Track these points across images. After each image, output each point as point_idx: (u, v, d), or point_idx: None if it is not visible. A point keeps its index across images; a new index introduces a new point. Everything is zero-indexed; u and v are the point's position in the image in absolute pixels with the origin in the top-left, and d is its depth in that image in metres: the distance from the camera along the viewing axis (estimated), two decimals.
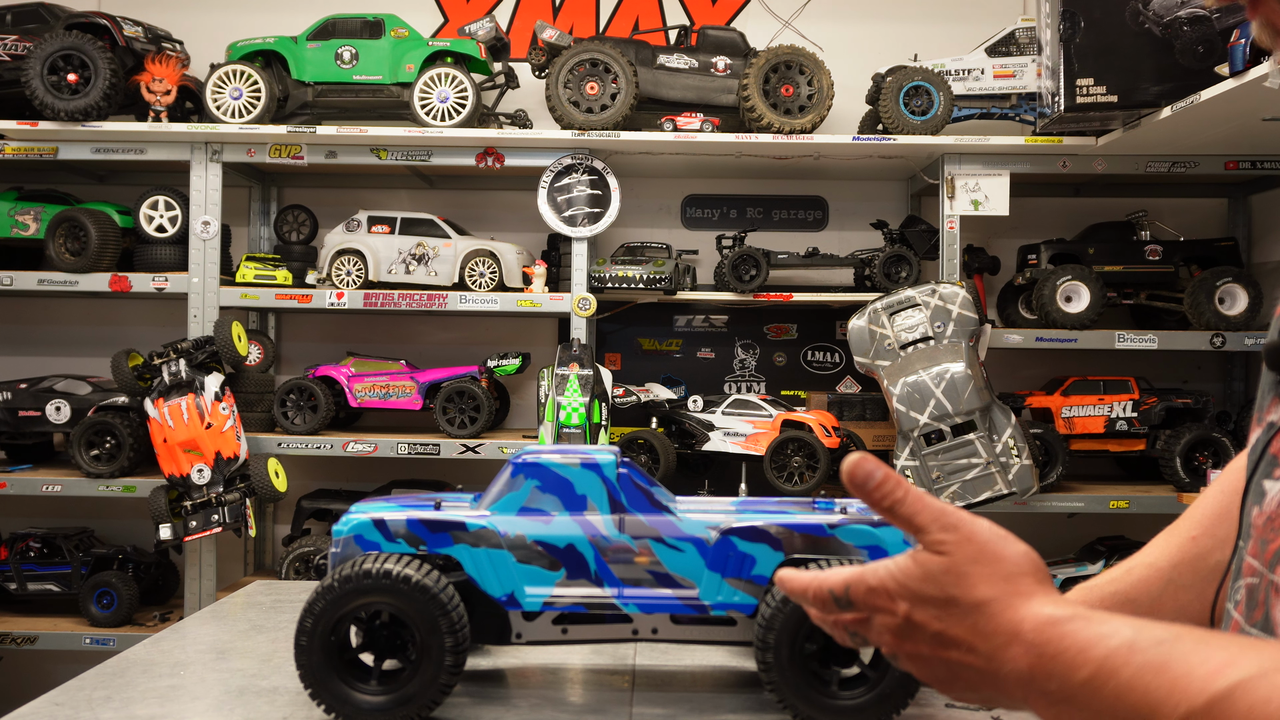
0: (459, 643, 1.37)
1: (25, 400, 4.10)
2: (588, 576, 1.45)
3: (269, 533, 4.64)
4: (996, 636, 0.77)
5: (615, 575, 1.45)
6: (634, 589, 1.45)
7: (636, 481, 1.49)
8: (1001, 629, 0.77)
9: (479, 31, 4.11)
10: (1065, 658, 0.73)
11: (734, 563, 1.45)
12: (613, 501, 1.47)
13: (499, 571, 1.45)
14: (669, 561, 1.45)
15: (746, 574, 1.45)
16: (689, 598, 1.45)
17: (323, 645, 1.37)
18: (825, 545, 1.44)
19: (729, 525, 1.45)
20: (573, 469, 1.48)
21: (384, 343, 4.66)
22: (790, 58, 3.99)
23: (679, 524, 1.46)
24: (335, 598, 1.37)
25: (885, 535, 1.44)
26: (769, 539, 1.44)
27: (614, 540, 1.46)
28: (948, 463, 3.67)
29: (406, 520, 1.45)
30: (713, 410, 4.13)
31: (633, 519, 1.46)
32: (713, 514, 1.49)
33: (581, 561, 1.45)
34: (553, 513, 1.47)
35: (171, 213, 4.10)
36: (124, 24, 4.02)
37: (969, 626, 0.79)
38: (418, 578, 1.36)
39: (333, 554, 1.47)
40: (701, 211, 4.74)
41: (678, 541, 1.46)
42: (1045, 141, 3.92)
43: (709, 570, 1.45)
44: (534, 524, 1.46)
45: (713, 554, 1.45)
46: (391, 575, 1.36)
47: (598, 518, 1.47)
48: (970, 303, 3.76)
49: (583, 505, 1.47)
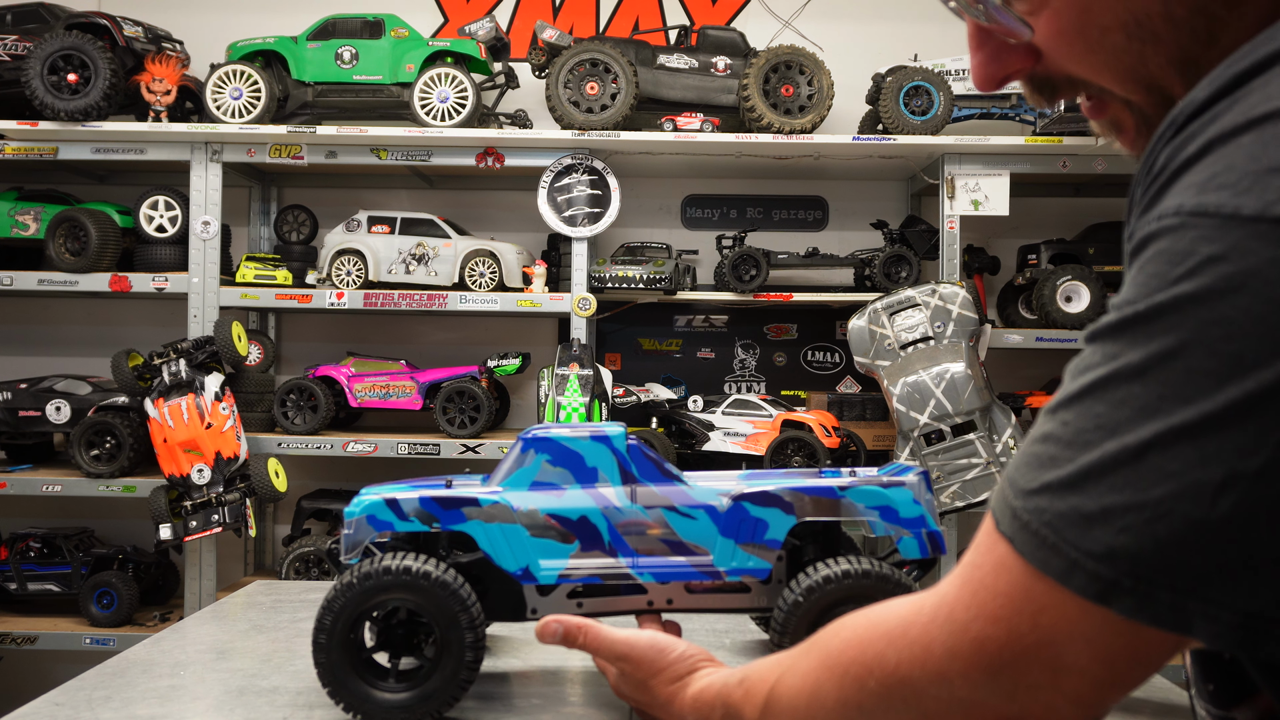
0: (479, 639, 1.37)
1: (25, 400, 4.10)
2: (602, 548, 1.45)
3: (269, 533, 4.64)
4: (671, 709, 1.19)
5: (629, 545, 1.45)
6: (648, 558, 1.45)
7: (646, 453, 1.49)
8: (674, 711, 1.18)
9: (479, 31, 4.11)
10: (703, 711, 1.11)
11: (747, 528, 1.45)
12: (624, 472, 1.47)
13: (513, 546, 1.45)
14: (682, 529, 1.46)
15: (760, 538, 1.45)
16: (703, 564, 1.46)
17: (342, 643, 1.37)
18: (836, 507, 1.45)
19: (740, 491, 1.45)
20: (583, 441, 1.48)
21: (384, 343, 4.66)
22: (790, 58, 4.00)
23: (690, 492, 1.47)
24: (355, 595, 1.37)
25: (895, 495, 1.45)
26: (781, 503, 1.45)
27: (627, 511, 1.46)
28: (948, 463, 3.67)
29: (419, 498, 1.45)
30: (713, 410, 4.13)
31: (644, 489, 1.47)
32: (722, 483, 1.50)
33: (595, 533, 1.45)
34: (564, 486, 1.47)
35: (171, 213, 4.10)
36: (124, 24, 4.02)
37: (661, 710, 1.22)
38: (438, 574, 1.37)
39: (345, 535, 1.46)
40: (701, 211, 4.74)
41: (690, 509, 1.46)
42: (1045, 141, 3.92)
43: (722, 536, 1.46)
44: (546, 497, 1.46)
45: (725, 520, 1.46)
46: (412, 571, 1.37)
47: (609, 489, 1.47)
48: (970, 303, 3.76)
49: (594, 477, 1.47)
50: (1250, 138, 0.62)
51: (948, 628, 0.73)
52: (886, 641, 0.79)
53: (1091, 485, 0.64)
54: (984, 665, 0.71)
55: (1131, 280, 0.66)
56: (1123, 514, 0.63)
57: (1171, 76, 0.76)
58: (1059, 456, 0.67)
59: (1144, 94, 0.78)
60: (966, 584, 0.73)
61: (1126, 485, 0.63)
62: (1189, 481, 0.61)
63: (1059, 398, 0.69)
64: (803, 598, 1.38)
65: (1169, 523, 0.61)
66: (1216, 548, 0.61)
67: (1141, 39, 0.75)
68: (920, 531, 1.45)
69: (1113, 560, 0.63)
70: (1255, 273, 0.59)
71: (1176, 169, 0.65)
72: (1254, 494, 0.59)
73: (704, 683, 1.14)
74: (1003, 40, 0.82)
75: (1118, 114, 0.82)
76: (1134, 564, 0.63)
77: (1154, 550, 0.62)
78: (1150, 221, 0.65)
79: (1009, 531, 0.69)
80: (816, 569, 1.40)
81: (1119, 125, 0.83)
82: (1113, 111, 0.82)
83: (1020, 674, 0.70)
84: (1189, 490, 0.61)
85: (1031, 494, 0.68)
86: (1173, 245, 0.63)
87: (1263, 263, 0.59)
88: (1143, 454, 0.62)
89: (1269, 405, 0.59)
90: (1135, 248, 0.67)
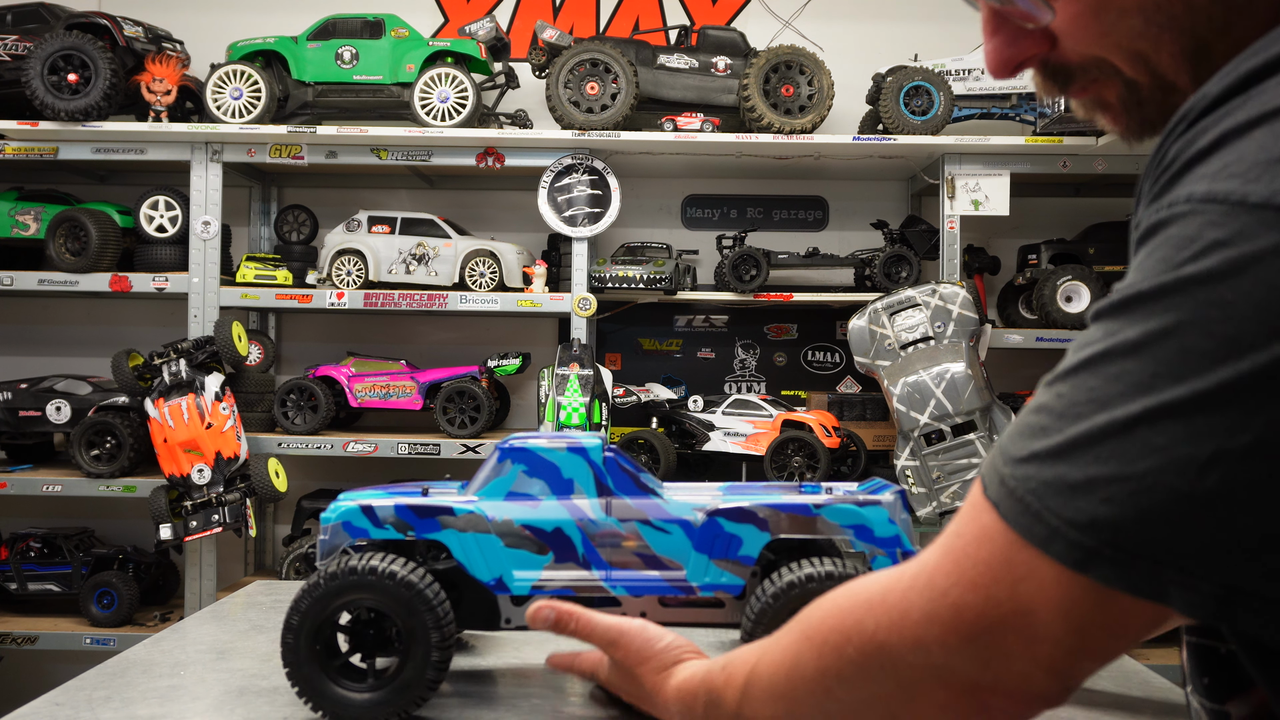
0: (440, 620, 1.37)
1: (25, 400, 4.10)
2: (575, 560, 1.45)
3: (269, 533, 4.64)
4: (657, 700, 1.20)
5: (603, 558, 1.45)
6: (622, 571, 1.46)
7: (623, 465, 1.49)
8: (660, 701, 1.19)
9: (479, 31, 4.11)
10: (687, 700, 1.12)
11: (721, 544, 1.45)
12: (599, 485, 1.47)
13: (487, 556, 1.45)
14: (656, 543, 1.46)
15: (733, 555, 1.45)
16: (676, 579, 1.46)
17: (309, 644, 1.38)
18: (811, 525, 1.45)
19: (715, 507, 1.45)
20: (559, 453, 1.48)
21: (384, 343, 4.66)
22: (790, 58, 3.99)
23: (665, 506, 1.47)
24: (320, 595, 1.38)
25: (870, 514, 1.45)
26: (755, 519, 1.45)
27: (601, 523, 1.46)
28: (948, 463, 3.67)
29: (394, 506, 1.46)
30: (713, 410, 4.13)
31: (619, 502, 1.47)
32: (699, 497, 1.50)
33: (569, 545, 1.45)
34: (540, 497, 1.47)
35: (172, 213, 4.10)
36: (124, 24, 4.02)
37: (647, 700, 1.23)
38: (385, 567, 1.37)
39: (321, 541, 1.47)
40: (701, 211, 4.74)
41: (664, 523, 1.46)
42: (1045, 141, 3.92)
43: (696, 551, 1.45)
44: (521, 508, 1.46)
45: (699, 535, 1.45)
46: (359, 570, 1.37)
47: (585, 501, 1.47)
48: (970, 303, 3.76)
49: (570, 489, 1.47)
50: (1262, 131, 0.63)
51: (926, 594, 0.74)
52: (866, 609, 0.80)
53: (1079, 455, 0.65)
54: (961, 632, 0.72)
55: (1138, 265, 0.67)
56: (1107, 485, 0.64)
57: (1179, 63, 0.77)
58: (1050, 427, 0.68)
59: (1147, 77, 0.80)
60: (948, 552, 0.74)
61: (1113, 457, 0.64)
62: (1175, 456, 0.62)
63: (1056, 370, 0.71)
64: (778, 595, 1.38)
65: (1152, 495, 0.62)
66: (1198, 521, 0.62)
67: (1159, 24, 0.76)
68: (895, 551, 1.44)
69: (1095, 529, 0.64)
70: (1257, 257, 0.60)
71: (1187, 161, 0.66)
72: (1239, 471, 0.60)
73: (687, 672, 1.15)
74: (1018, 25, 0.84)
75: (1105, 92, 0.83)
76: (1115, 534, 0.64)
77: (1136, 521, 0.63)
78: (1160, 209, 0.66)
79: (995, 497, 0.70)
80: (800, 565, 1.40)
81: (1104, 103, 0.84)
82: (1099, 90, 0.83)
83: (996, 641, 0.70)
84: (1175, 465, 0.62)
85: (1020, 462, 0.69)
86: (1181, 231, 0.64)
87: (1265, 248, 0.60)
88: (1131, 428, 0.63)
89: (1261, 387, 0.60)
90: (1143, 235, 0.68)
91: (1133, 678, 1.60)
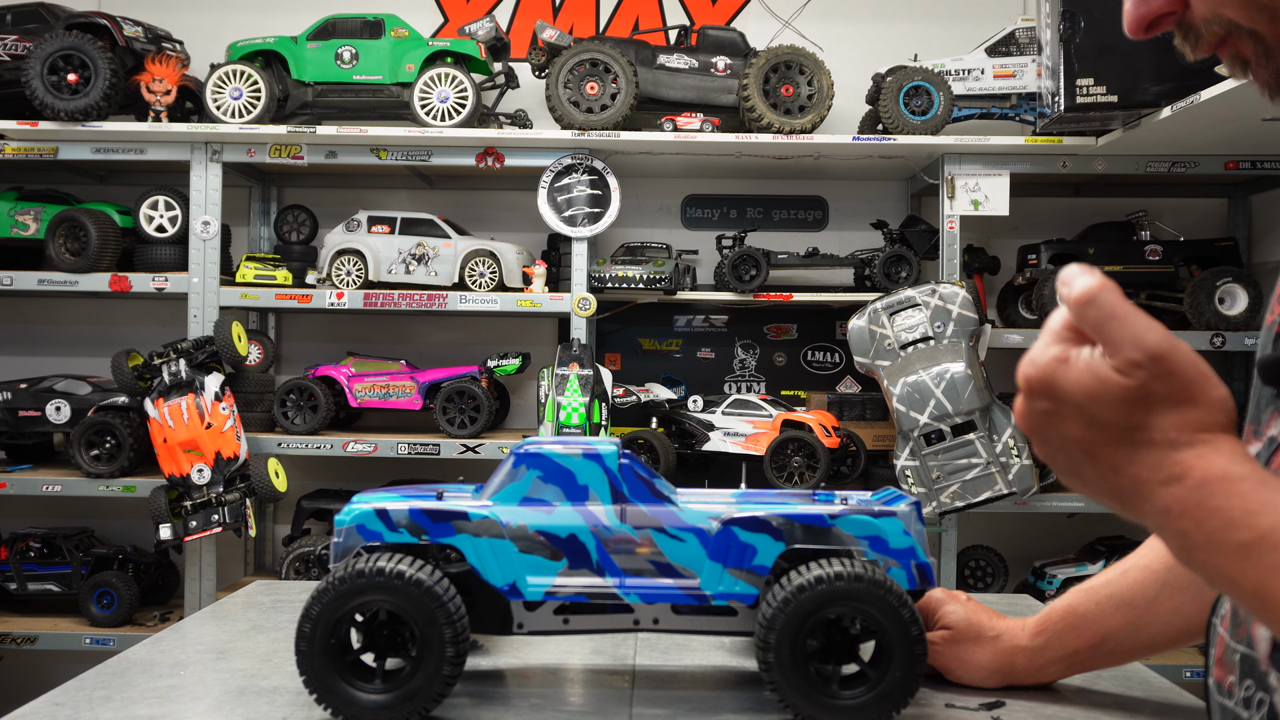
0: (458, 635, 1.37)
1: (25, 400, 4.10)
2: (589, 566, 1.45)
3: (269, 533, 4.64)
4: (1159, 471, 0.76)
5: (617, 565, 1.45)
6: (635, 579, 1.45)
7: (638, 472, 1.49)
8: (1166, 469, 0.75)
9: (479, 31, 4.11)
10: (1225, 515, 0.73)
11: (735, 553, 1.45)
12: (614, 492, 1.47)
13: (501, 561, 1.45)
14: (670, 551, 1.46)
15: (748, 564, 1.45)
16: (690, 587, 1.45)
17: (324, 646, 1.37)
18: (826, 535, 1.45)
19: (730, 515, 1.45)
20: (575, 459, 1.48)
21: (384, 343, 4.66)
22: (790, 58, 3.99)
23: (680, 514, 1.46)
24: (334, 597, 1.37)
25: (885, 525, 1.44)
26: (770, 529, 1.44)
27: (616, 530, 1.45)
28: (948, 462, 3.67)
29: (409, 510, 1.45)
30: (713, 410, 4.13)
31: (634, 509, 1.47)
32: (714, 505, 1.49)
33: (583, 551, 1.45)
34: (555, 503, 1.47)
35: (171, 213, 4.10)
36: (124, 24, 4.02)
37: (1137, 459, 0.76)
38: (413, 573, 1.37)
39: (335, 544, 1.47)
40: (701, 211, 4.74)
41: (679, 531, 1.46)
42: (1045, 141, 3.92)
43: (710, 560, 1.45)
44: (536, 514, 1.46)
45: (714, 544, 1.45)
46: (386, 572, 1.37)
47: (599, 508, 1.47)
48: (970, 303, 3.76)
49: (584, 495, 1.47)
50: None
51: None
52: None
53: None
54: None
55: None
56: None
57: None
58: None
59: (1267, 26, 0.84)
60: None
61: None
62: None
63: None
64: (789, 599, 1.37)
65: None
66: None
67: None
68: (910, 563, 1.44)
69: None
70: None
71: None
72: None
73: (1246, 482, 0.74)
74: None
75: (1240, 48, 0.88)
76: None
77: None
78: None
79: None
80: (809, 568, 1.39)
81: (1241, 59, 0.89)
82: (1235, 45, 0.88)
83: None
84: None
85: None
86: None
87: None
88: None
89: None
90: None
91: (1133, 678, 1.60)
